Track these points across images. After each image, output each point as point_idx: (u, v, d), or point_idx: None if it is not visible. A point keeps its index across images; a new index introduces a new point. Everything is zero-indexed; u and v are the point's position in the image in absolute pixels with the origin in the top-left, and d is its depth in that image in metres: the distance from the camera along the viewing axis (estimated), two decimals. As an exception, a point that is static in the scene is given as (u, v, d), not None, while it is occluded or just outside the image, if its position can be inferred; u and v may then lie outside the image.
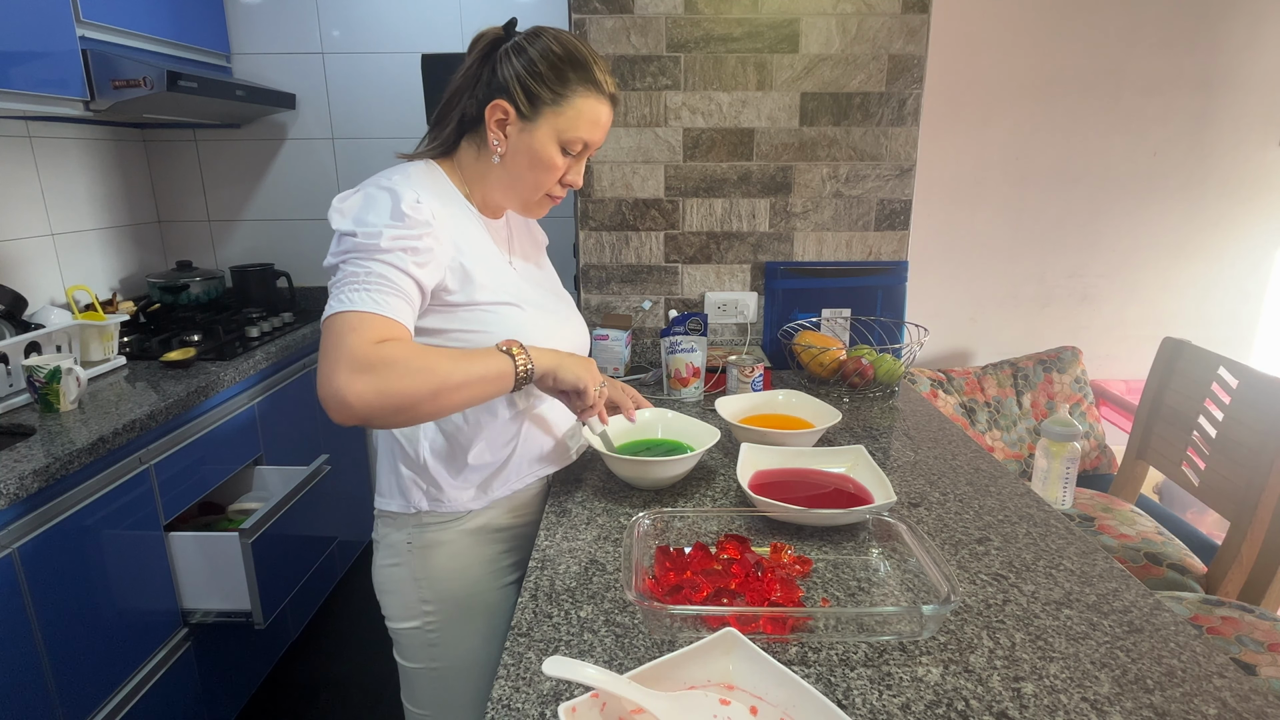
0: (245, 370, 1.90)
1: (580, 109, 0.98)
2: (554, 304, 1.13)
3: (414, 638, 1.09)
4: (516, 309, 1.01)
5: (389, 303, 0.86)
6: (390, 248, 0.88)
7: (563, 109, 0.97)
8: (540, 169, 1.00)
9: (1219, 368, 1.68)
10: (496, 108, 0.98)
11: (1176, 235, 2.51)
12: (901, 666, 0.74)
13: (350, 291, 0.86)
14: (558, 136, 0.98)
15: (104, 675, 1.44)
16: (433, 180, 1.01)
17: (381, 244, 0.87)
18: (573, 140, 0.99)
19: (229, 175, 2.58)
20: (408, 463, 1.04)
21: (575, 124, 0.98)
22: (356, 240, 0.88)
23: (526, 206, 1.06)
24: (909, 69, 1.71)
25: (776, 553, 0.91)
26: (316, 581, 2.22)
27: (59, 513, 1.34)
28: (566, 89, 0.97)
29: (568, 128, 0.98)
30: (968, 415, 2.37)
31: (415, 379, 0.84)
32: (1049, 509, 1.08)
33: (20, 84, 1.57)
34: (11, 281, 1.84)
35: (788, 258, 1.83)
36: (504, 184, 1.03)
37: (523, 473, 1.10)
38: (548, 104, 0.97)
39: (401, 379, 0.83)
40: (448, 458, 1.04)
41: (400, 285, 0.88)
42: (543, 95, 0.96)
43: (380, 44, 2.49)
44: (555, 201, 1.06)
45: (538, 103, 0.97)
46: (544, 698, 0.71)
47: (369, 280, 0.86)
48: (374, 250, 0.87)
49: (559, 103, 0.97)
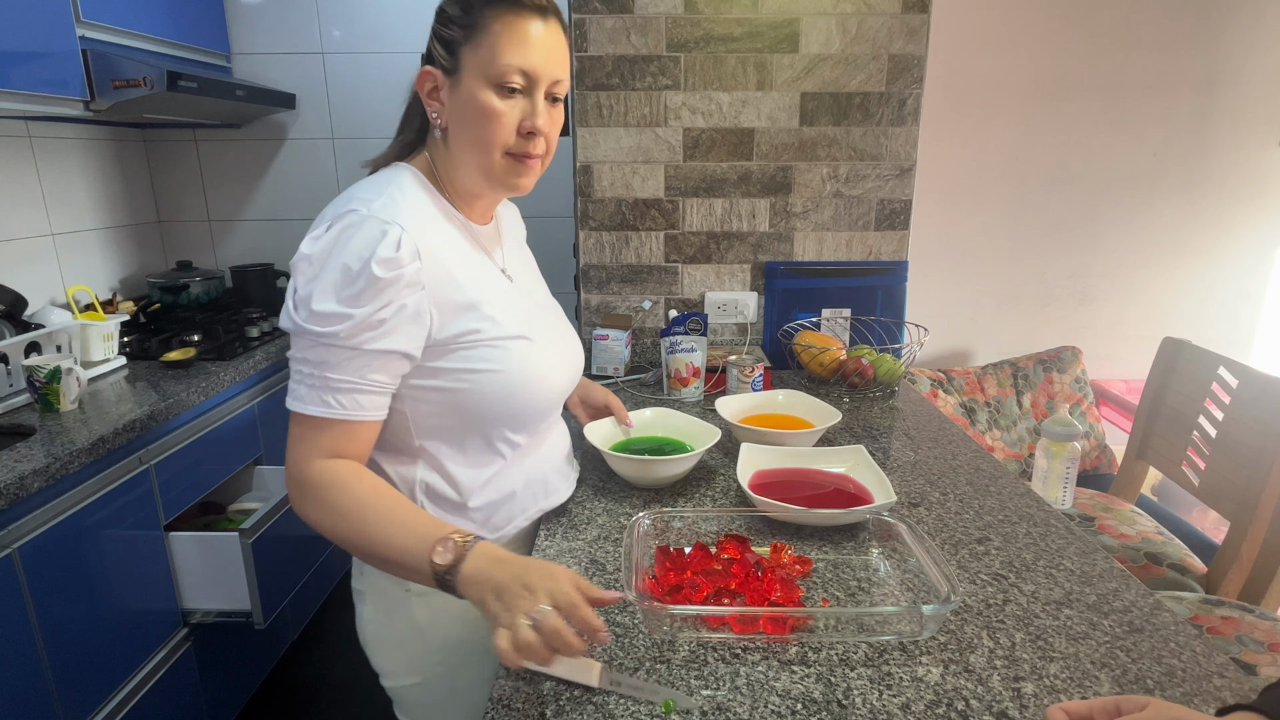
0: (245, 370, 1.90)
1: (495, 33, 0.82)
2: (555, 323, 1.03)
3: (422, 694, 0.97)
4: (526, 342, 0.90)
5: (346, 403, 0.80)
6: (353, 333, 0.78)
7: (478, 41, 0.83)
8: (482, 122, 0.84)
9: (1219, 368, 1.68)
10: (425, 77, 0.87)
11: (1176, 235, 2.51)
12: (901, 666, 0.74)
13: (305, 384, 0.80)
14: (484, 76, 0.83)
15: (104, 675, 1.44)
16: (411, 194, 0.86)
17: (340, 336, 0.78)
18: (502, 71, 0.82)
19: (229, 175, 2.57)
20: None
21: (496, 51, 0.82)
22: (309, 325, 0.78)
23: (492, 178, 0.88)
24: (909, 69, 1.71)
25: (776, 553, 0.91)
26: (316, 581, 2.21)
27: (59, 513, 1.34)
28: (472, 16, 0.83)
29: (489, 59, 0.82)
30: (968, 415, 2.37)
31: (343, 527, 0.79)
32: (1049, 509, 1.08)
33: (20, 84, 1.57)
34: (11, 281, 1.83)
35: (788, 258, 1.83)
36: (462, 160, 0.89)
37: (529, 511, 1.00)
38: (462, 44, 0.83)
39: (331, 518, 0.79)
40: (449, 503, 0.93)
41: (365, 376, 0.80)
42: (455, 36, 0.83)
43: (380, 44, 2.49)
44: (529, 165, 0.88)
45: (453, 47, 0.84)
46: (544, 698, 0.71)
47: (326, 375, 0.79)
48: (330, 340, 0.78)
49: (472, 35, 0.83)
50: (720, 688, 0.71)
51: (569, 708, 0.69)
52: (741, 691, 0.71)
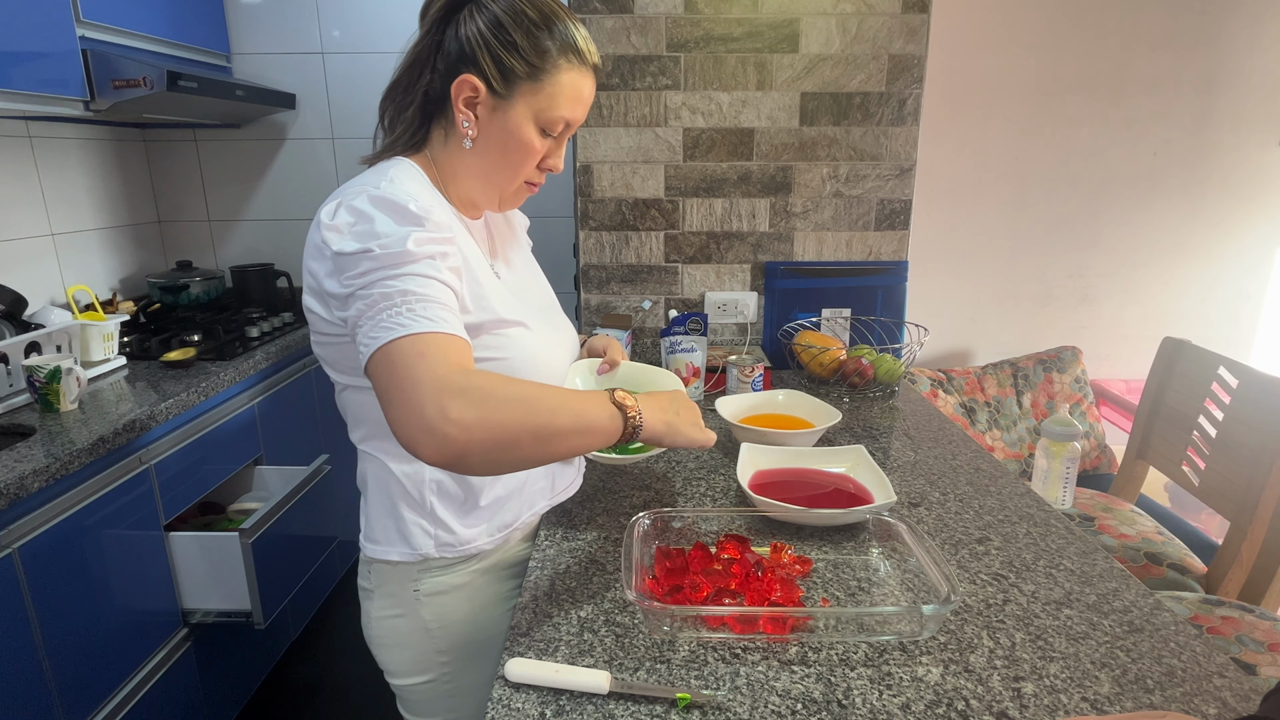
0: (245, 370, 1.90)
1: (561, 84, 0.84)
2: (549, 314, 1.04)
3: (428, 692, 0.97)
4: (525, 329, 0.91)
5: (447, 319, 0.74)
6: (420, 254, 0.75)
7: (541, 85, 0.84)
8: (518, 154, 0.87)
9: (1219, 368, 1.68)
10: (464, 84, 0.84)
11: (1176, 235, 2.51)
12: (901, 666, 0.74)
13: (394, 316, 0.72)
14: (535, 116, 0.85)
15: (104, 675, 1.44)
16: (415, 183, 0.86)
17: (410, 249, 0.74)
18: (553, 120, 0.86)
19: (229, 175, 2.58)
20: (411, 506, 0.91)
21: (555, 102, 0.85)
22: (377, 255, 0.74)
23: (503, 199, 0.92)
24: (909, 69, 1.71)
25: (776, 553, 0.91)
26: (316, 581, 2.22)
27: (59, 513, 1.34)
28: (544, 61, 0.83)
29: (547, 106, 0.85)
30: (968, 415, 2.37)
31: (518, 411, 0.72)
32: (1049, 509, 1.08)
33: (20, 84, 1.57)
34: (11, 281, 1.84)
35: (788, 258, 1.83)
36: (479, 174, 0.89)
37: (536, 504, 1.01)
38: (523, 79, 0.83)
39: (502, 409, 0.70)
40: (458, 501, 0.92)
41: (444, 299, 0.76)
42: (517, 68, 0.83)
43: (380, 44, 2.49)
44: (533, 190, 0.94)
45: (511, 77, 0.83)
46: (544, 698, 0.71)
47: (411, 298, 0.73)
48: (404, 261, 0.74)
49: (536, 77, 0.83)
50: (720, 688, 0.71)
51: (569, 707, 0.69)
52: (741, 691, 0.71)
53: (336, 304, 0.79)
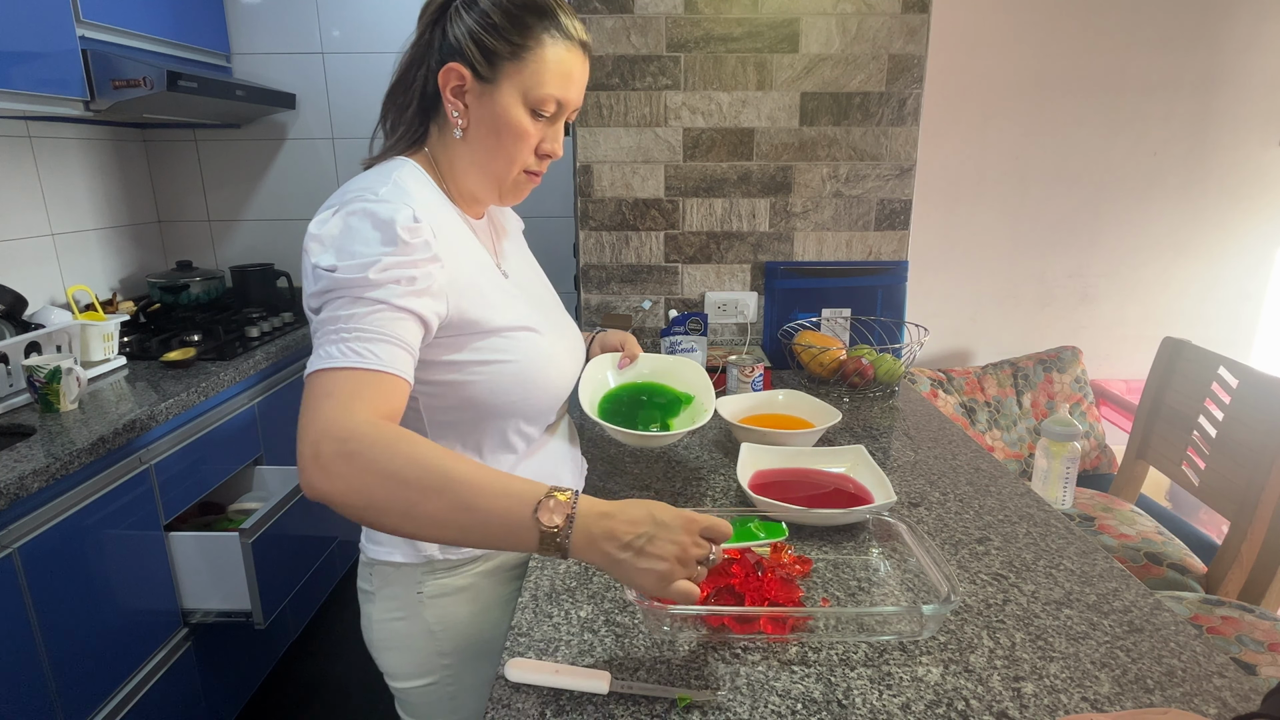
0: (245, 370, 1.90)
1: (545, 60, 0.84)
2: (557, 316, 1.03)
3: (429, 694, 0.97)
4: (533, 334, 0.90)
5: (381, 355, 0.72)
6: (381, 280, 0.74)
7: (525, 62, 0.84)
8: (510, 138, 0.86)
9: (1219, 368, 1.68)
10: (450, 73, 0.84)
11: (1176, 235, 2.51)
12: (901, 666, 0.74)
13: (331, 343, 0.72)
14: (523, 96, 0.85)
15: (104, 675, 1.44)
16: (419, 185, 0.87)
17: (370, 276, 0.73)
18: (542, 99, 0.85)
19: (229, 175, 2.58)
20: None
21: (541, 79, 0.84)
22: (337, 277, 0.74)
23: (502, 190, 0.91)
24: (909, 69, 1.71)
25: (776, 553, 0.91)
26: (316, 581, 2.21)
27: (59, 513, 1.34)
28: (526, 38, 0.83)
29: (533, 84, 0.84)
30: (968, 415, 2.37)
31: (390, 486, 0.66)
32: (1049, 509, 1.08)
33: (20, 84, 1.57)
34: (11, 281, 1.83)
35: (788, 258, 1.83)
36: (476, 164, 0.89)
37: None
38: (506, 59, 0.83)
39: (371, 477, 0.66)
40: None
41: (394, 330, 0.74)
42: (499, 49, 0.83)
43: (380, 44, 2.49)
44: (535, 181, 0.92)
45: (495, 59, 0.83)
46: (544, 698, 0.71)
47: (355, 326, 0.72)
48: (361, 286, 0.74)
49: (520, 55, 0.83)
50: (720, 688, 0.71)
51: (569, 708, 0.69)
52: (741, 691, 0.71)
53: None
